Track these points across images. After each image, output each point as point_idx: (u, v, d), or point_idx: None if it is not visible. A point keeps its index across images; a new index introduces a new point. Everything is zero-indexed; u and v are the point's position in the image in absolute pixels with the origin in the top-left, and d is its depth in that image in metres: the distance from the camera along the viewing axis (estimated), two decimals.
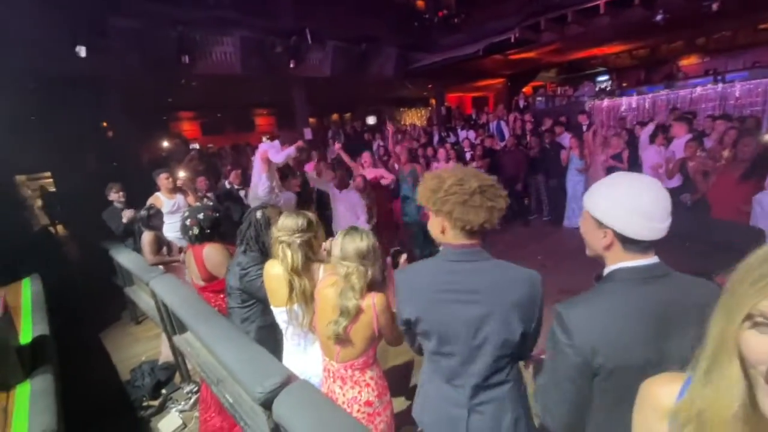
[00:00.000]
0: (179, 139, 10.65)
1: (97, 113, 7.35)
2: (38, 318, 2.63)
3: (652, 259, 0.95)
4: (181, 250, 3.42)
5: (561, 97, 11.66)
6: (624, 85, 12.08)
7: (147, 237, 3.20)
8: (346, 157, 4.95)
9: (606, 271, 1.00)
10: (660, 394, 0.64)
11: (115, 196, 4.01)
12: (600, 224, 0.97)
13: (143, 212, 3.29)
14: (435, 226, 1.21)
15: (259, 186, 3.27)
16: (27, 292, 3.15)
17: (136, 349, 3.65)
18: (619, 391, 0.88)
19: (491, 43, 9.42)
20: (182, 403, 2.82)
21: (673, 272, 0.95)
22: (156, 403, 2.84)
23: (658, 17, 7.43)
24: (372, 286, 1.48)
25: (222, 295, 2.34)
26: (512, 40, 9.06)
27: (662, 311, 0.89)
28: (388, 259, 1.62)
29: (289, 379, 1.40)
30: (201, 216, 2.35)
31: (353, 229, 1.51)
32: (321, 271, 1.67)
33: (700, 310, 0.79)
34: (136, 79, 7.30)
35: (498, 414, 1.19)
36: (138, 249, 3.68)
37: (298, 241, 1.62)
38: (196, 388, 2.89)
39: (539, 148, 6.55)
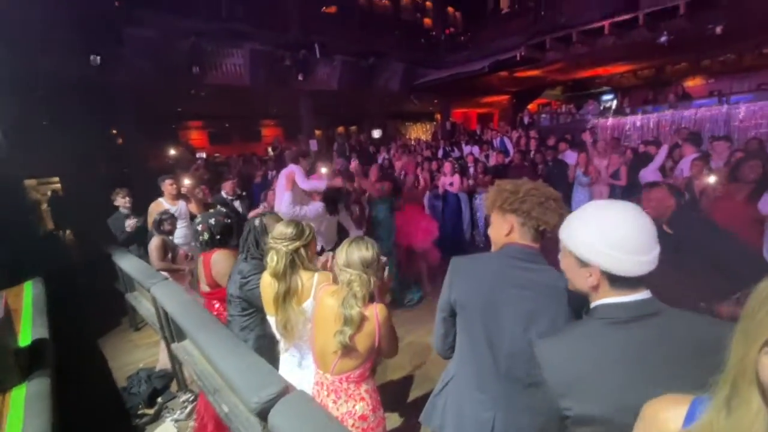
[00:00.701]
0: (186, 148, 10.80)
1: (108, 120, 7.48)
2: (38, 321, 2.63)
3: (641, 295, 0.86)
4: (187, 256, 3.44)
5: (565, 115, 11.74)
6: (629, 105, 12.16)
7: (155, 242, 3.22)
8: (358, 176, 4.83)
9: (592, 305, 0.92)
10: (666, 418, 0.62)
11: (122, 201, 4.05)
12: (582, 263, 0.89)
13: (156, 217, 3.32)
14: (501, 227, 1.27)
15: (282, 204, 3.37)
16: (28, 295, 3.16)
17: (135, 356, 3.63)
18: None
19: (497, 60, 9.56)
20: (178, 412, 2.79)
21: (666, 309, 0.85)
22: (151, 411, 2.81)
23: (663, 39, 7.53)
24: (371, 296, 1.48)
25: (224, 305, 2.33)
26: (518, 57, 9.20)
27: (649, 356, 0.80)
28: None
29: (286, 389, 1.39)
30: (212, 222, 2.36)
31: (359, 239, 1.53)
32: (315, 279, 1.67)
33: (694, 351, 0.76)
34: (147, 88, 7.46)
35: (526, 418, 1.19)
36: (141, 256, 3.70)
37: (286, 248, 1.63)
38: (192, 398, 2.86)
39: (543, 165, 6.56)
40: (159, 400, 2.91)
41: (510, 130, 9.70)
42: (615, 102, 14.33)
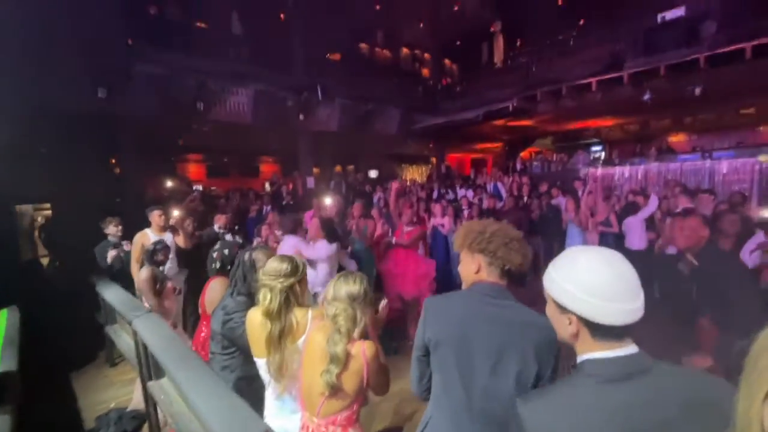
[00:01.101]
0: (183, 180, 10.86)
1: (108, 149, 7.56)
2: (8, 353, 2.50)
3: (628, 350, 0.81)
4: (174, 290, 3.32)
5: (556, 163, 12.12)
6: (617, 157, 12.60)
7: (145, 273, 3.01)
8: (357, 213, 4.79)
9: (578, 359, 0.87)
10: None
11: (114, 230, 3.99)
12: (563, 309, 0.86)
13: (149, 246, 3.22)
14: (469, 265, 1.32)
15: None
16: (2, 324, 3.02)
17: (108, 394, 3.42)
18: None
19: (490, 110, 10.02)
20: None
21: (656, 365, 0.80)
22: None
23: (646, 97, 8.01)
24: (361, 333, 1.44)
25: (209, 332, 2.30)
26: (510, 108, 9.65)
27: (635, 417, 0.75)
28: None
29: None
30: (226, 252, 2.49)
31: (348, 273, 1.52)
32: (309, 315, 1.62)
33: (688, 412, 0.74)
34: (150, 120, 7.63)
35: None
36: (126, 287, 3.57)
37: (281, 285, 1.58)
38: None
39: (538, 211, 6.70)
40: None
41: (503, 176, 9.95)
42: (603, 153, 14.88)
